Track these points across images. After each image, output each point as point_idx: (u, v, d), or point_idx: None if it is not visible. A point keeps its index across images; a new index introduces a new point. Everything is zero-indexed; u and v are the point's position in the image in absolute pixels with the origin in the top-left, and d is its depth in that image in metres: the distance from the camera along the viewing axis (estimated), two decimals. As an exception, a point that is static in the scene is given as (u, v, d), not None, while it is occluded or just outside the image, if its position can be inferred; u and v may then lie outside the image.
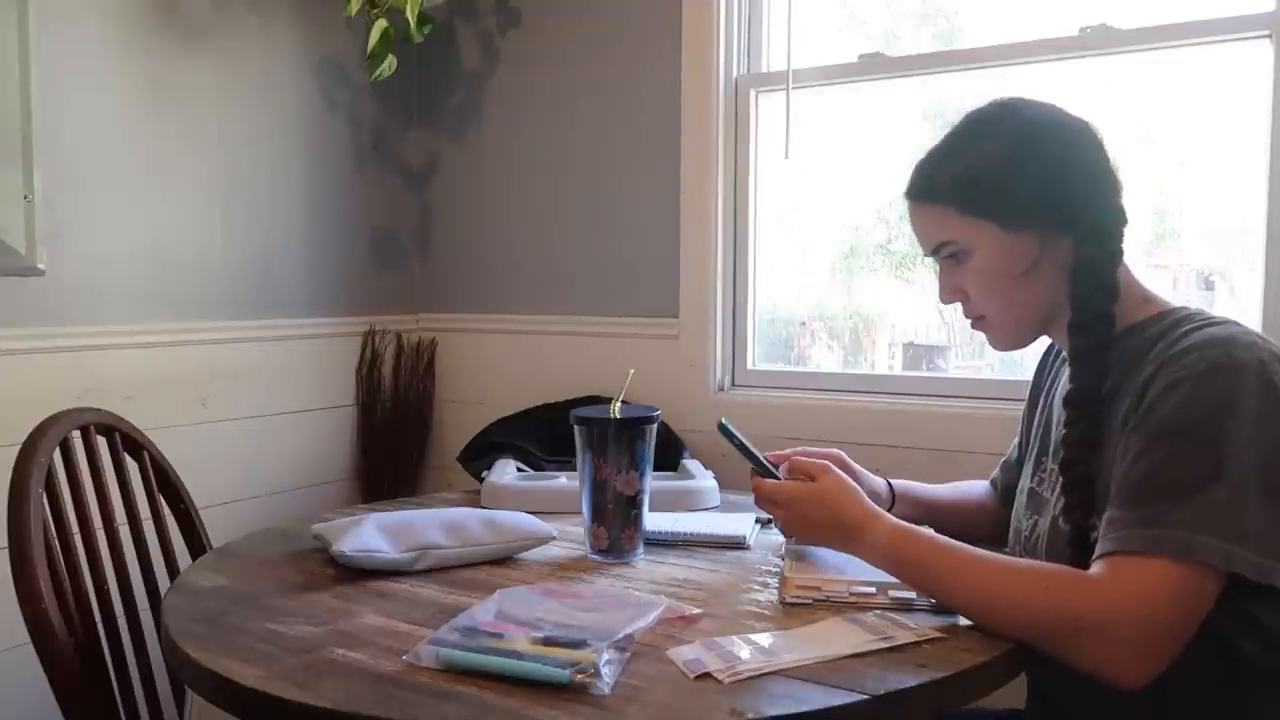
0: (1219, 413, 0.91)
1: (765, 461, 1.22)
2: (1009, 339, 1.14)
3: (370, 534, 1.23)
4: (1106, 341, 1.03)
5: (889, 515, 1.09)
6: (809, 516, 1.12)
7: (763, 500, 1.18)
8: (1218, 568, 0.89)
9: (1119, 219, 1.06)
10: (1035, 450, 1.21)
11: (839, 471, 1.14)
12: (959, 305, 1.17)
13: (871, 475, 1.36)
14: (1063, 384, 1.16)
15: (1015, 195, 1.05)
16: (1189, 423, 0.92)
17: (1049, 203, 1.04)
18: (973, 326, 1.15)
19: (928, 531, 1.07)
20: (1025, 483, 1.21)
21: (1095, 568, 0.94)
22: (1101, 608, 0.91)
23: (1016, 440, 1.37)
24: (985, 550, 1.02)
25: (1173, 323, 1.02)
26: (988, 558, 1.00)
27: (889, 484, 1.38)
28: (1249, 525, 0.89)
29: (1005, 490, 1.36)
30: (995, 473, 1.41)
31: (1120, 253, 1.06)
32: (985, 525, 1.35)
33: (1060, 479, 1.07)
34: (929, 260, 1.16)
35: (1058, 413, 1.14)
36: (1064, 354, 1.20)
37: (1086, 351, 1.04)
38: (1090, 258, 1.04)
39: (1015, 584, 0.97)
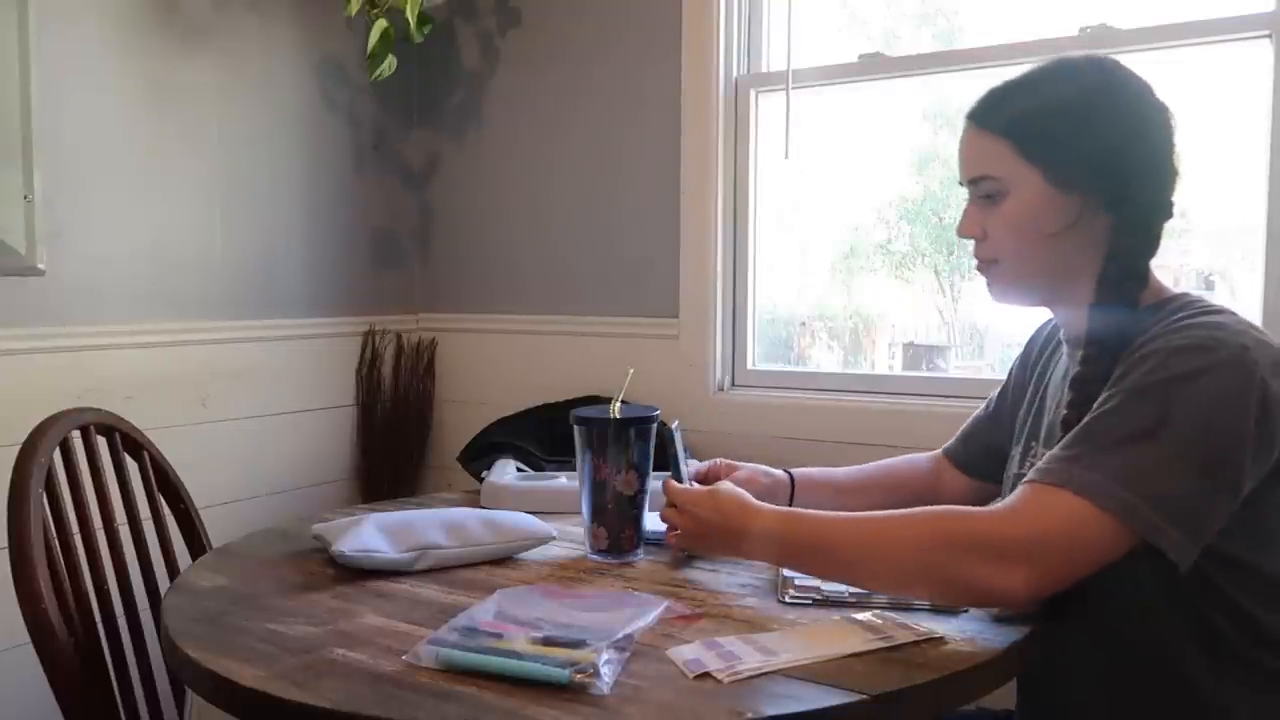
0: (1179, 379, 0.92)
1: (685, 472, 1.29)
2: (1011, 292, 1.12)
3: (370, 534, 1.23)
4: (1127, 331, 1.00)
5: (772, 506, 1.09)
6: (700, 519, 1.13)
7: (667, 501, 1.19)
8: (1118, 518, 0.90)
9: (1166, 211, 1.04)
10: (1024, 436, 1.20)
11: (730, 484, 1.16)
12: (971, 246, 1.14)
13: (771, 470, 1.37)
14: (1058, 369, 1.16)
15: (1074, 152, 1.02)
16: (1147, 384, 0.93)
17: (1104, 172, 1.01)
18: (978, 269, 1.13)
19: (814, 511, 1.06)
20: (1013, 468, 1.21)
21: (1012, 495, 0.96)
22: (993, 524, 0.93)
23: (982, 412, 1.37)
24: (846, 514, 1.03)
25: (1172, 309, 1.01)
26: (877, 514, 1.00)
27: (788, 474, 1.38)
28: (1166, 490, 0.90)
29: (971, 462, 1.36)
30: (953, 444, 1.40)
31: (1158, 243, 1.03)
32: (920, 500, 1.31)
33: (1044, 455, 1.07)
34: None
35: (1052, 399, 1.14)
36: (1058, 340, 1.20)
37: (1106, 336, 1.01)
38: (1129, 243, 1.02)
39: (906, 524, 0.98)
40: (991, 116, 1.06)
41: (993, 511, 0.95)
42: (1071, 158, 1.02)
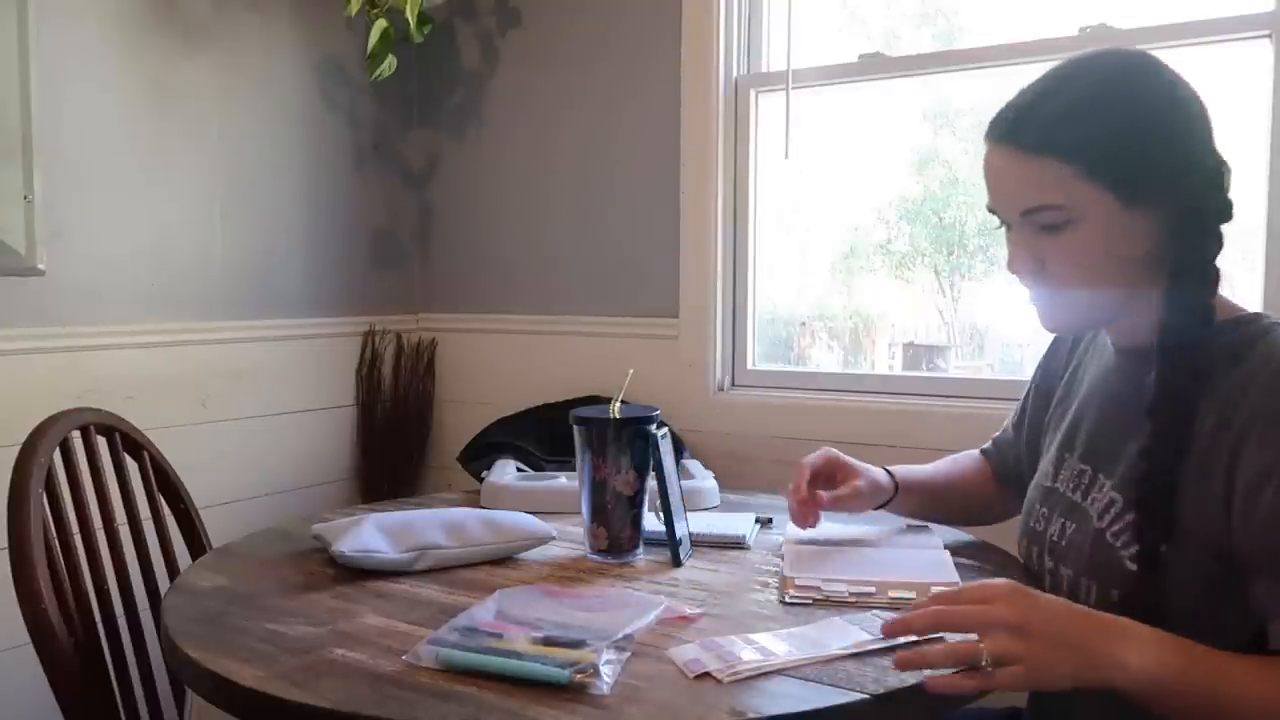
0: None
1: (674, 483, 1.27)
2: (1073, 323, 1.02)
3: (370, 534, 1.23)
4: (1202, 343, 0.90)
5: (1140, 625, 0.85)
6: (1042, 646, 0.81)
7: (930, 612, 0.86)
8: None
9: (1228, 207, 0.94)
10: (1055, 445, 1.12)
11: (1009, 581, 0.87)
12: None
13: (870, 467, 1.30)
14: (1094, 376, 1.08)
15: (1142, 164, 0.90)
16: None
17: (1178, 182, 0.90)
18: (1031, 300, 1.00)
19: (1201, 647, 0.85)
20: (1043, 479, 1.12)
21: None
22: None
23: (1012, 420, 1.33)
24: (1245, 654, 0.85)
25: (1261, 330, 0.92)
26: (1266, 664, 0.83)
27: (889, 473, 1.30)
28: None
29: (1002, 469, 1.34)
30: (990, 445, 1.38)
31: (1223, 245, 0.93)
32: (982, 501, 1.33)
33: (1113, 494, 0.98)
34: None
35: (1089, 408, 1.07)
36: (1091, 344, 1.14)
37: (1180, 352, 0.90)
38: (1199, 243, 0.91)
39: None
40: (1038, 135, 0.91)
41: None
42: (1141, 171, 0.90)
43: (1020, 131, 0.93)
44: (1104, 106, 0.91)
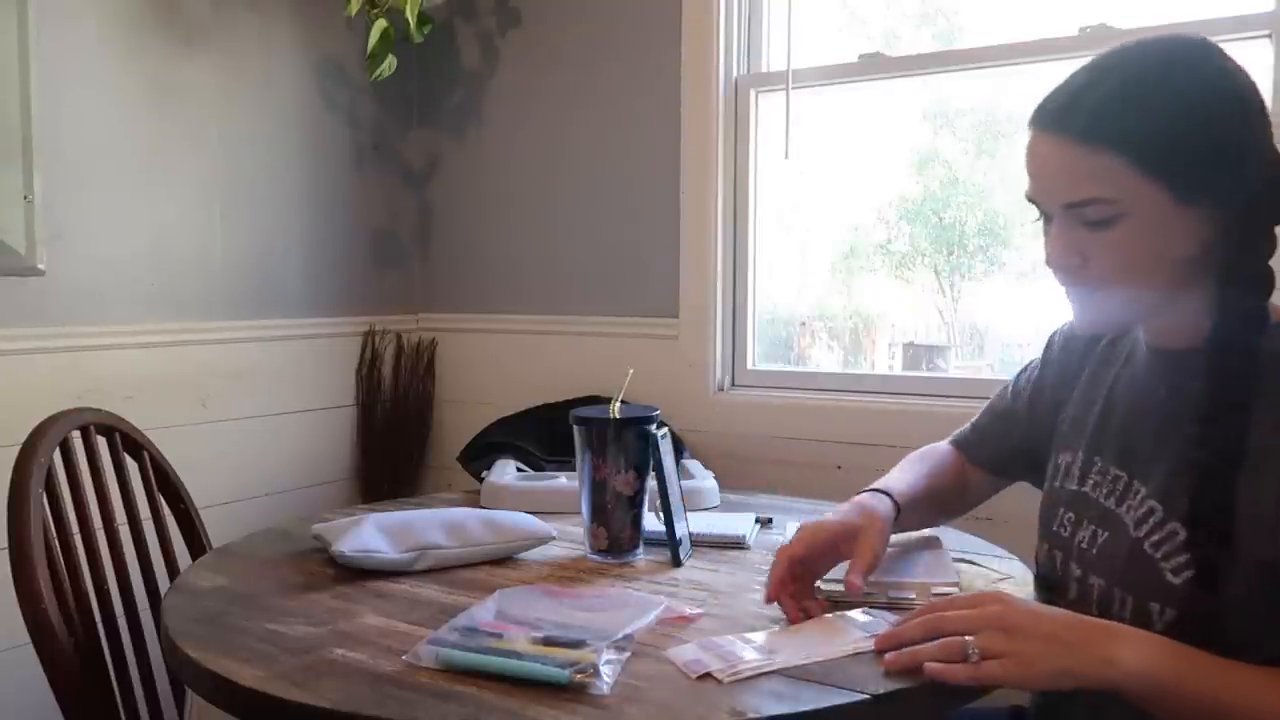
0: None
1: (673, 482, 1.20)
2: (1109, 322, 0.97)
3: (370, 534, 1.23)
4: (1256, 344, 0.86)
5: (1125, 626, 0.87)
6: (1028, 642, 0.84)
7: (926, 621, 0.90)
8: None
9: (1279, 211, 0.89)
10: (1084, 448, 1.05)
11: (1008, 592, 0.91)
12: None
13: (866, 505, 1.15)
14: (1126, 379, 1.03)
15: (1199, 158, 0.85)
16: None
17: (1235, 179, 0.86)
18: (1069, 296, 0.95)
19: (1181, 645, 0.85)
20: (1066, 481, 1.06)
21: None
22: None
23: (1000, 410, 1.25)
24: (1245, 664, 0.83)
25: None
26: (1264, 671, 0.82)
27: (890, 496, 1.17)
28: None
29: (992, 461, 1.26)
30: (965, 434, 1.30)
31: (1276, 245, 0.89)
32: (959, 496, 1.26)
33: (1155, 503, 0.93)
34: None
35: (1121, 412, 1.01)
36: (1111, 341, 1.08)
37: (1233, 357, 0.87)
38: (1253, 242, 0.87)
39: None
40: (1090, 124, 0.86)
41: None
42: (1200, 162, 0.85)
43: (1071, 119, 0.88)
44: (1160, 96, 0.86)
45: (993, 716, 1.23)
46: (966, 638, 0.85)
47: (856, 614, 1.03)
